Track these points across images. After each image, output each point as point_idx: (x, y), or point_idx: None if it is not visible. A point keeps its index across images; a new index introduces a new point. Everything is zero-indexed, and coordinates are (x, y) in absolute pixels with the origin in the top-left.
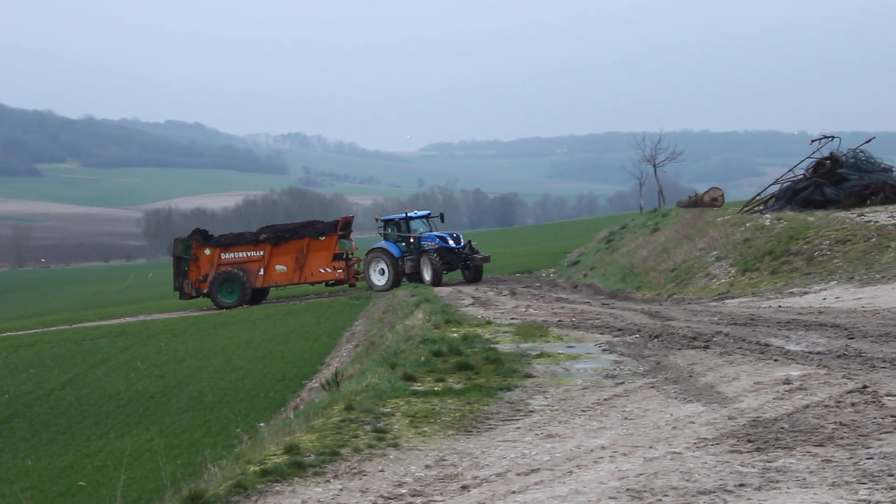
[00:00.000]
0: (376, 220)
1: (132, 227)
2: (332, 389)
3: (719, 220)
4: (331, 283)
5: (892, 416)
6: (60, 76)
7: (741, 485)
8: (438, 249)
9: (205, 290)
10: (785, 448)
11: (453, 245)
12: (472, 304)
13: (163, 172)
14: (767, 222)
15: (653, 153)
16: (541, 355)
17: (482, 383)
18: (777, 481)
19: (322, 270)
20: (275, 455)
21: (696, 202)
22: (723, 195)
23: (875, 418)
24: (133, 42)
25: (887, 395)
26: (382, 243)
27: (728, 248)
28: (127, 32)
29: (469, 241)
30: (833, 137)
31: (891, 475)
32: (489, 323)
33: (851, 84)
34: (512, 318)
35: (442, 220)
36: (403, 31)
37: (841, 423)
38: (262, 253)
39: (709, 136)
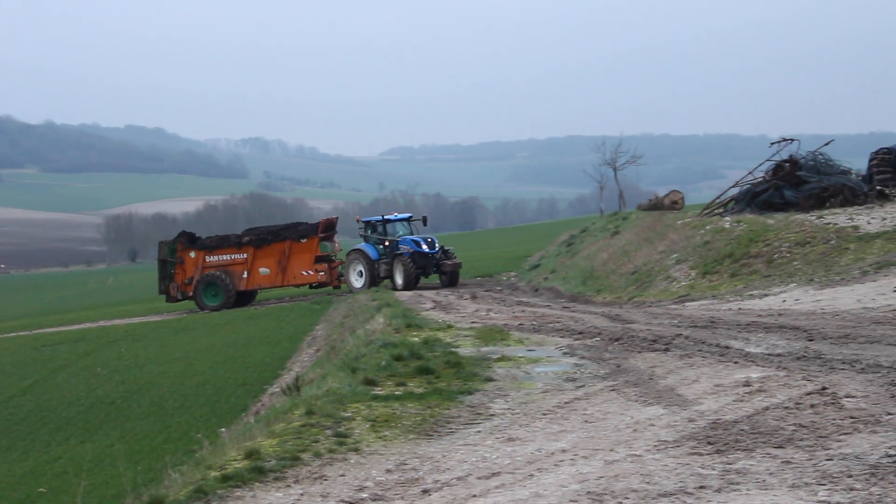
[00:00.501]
0: (358, 220)
1: (92, 232)
2: (292, 394)
3: (679, 223)
4: (315, 285)
5: (851, 418)
6: (19, 81)
7: (701, 487)
8: (412, 254)
9: (190, 293)
10: (745, 450)
11: (427, 250)
12: (433, 308)
13: (123, 177)
14: (727, 225)
15: (613, 156)
16: (501, 359)
17: (443, 387)
18: (737, 483)
19: (304, 273)
20: (235, 460)
21: (656, 205)
22: (683, 198)
23: (834, 420)
24: (92, 47)
25: (846, 397)
26: (361, 245)
27: (688, 250)
28: (86, 37)
29: (442, 246)
30: (792, 140)
31: (850, 476)
32: (450, 327)
33: (811, 86)
34: (473, 322)
35: (424, 224)
36: (363, 34)
37: (800, 425)
38: (245, 255)
39: (669, 140)
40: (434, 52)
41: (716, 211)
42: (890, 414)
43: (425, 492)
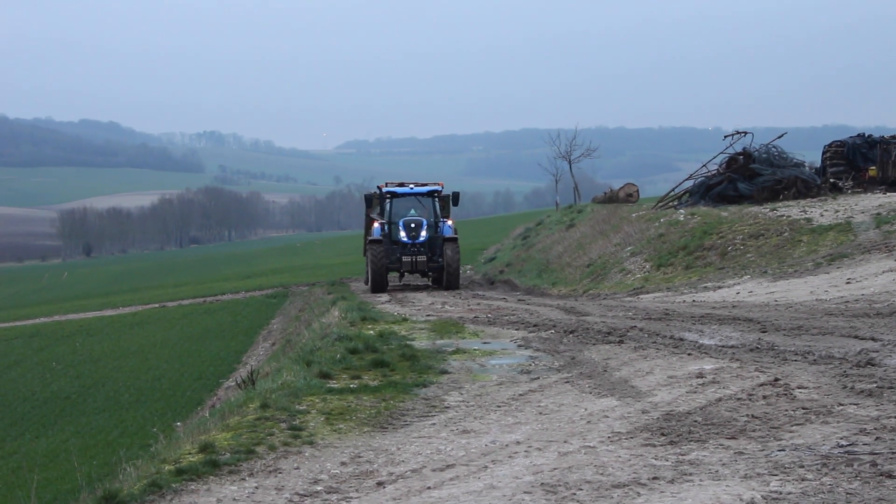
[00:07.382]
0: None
1: (47, 227)
2: (247, 388)
3: (634, 215)
4: None
5: (803, 409)
6: None
7: (654, 478)
8: (380, 242)
9: None
10: (698, 441)
11: (405, 238)
12: (389, 302)
13: (77, 172)
14: (681, 217)
15: (568, 149)
16: (456, 351)
17: (398, 380)
18: (690, 474)
19: None
20: (190, 454)
21: (611, 198)
22: (638, 191)
23: (786, 410)
24: (46, 41)
25: (798, 388)
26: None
27: (643, 243)
28: (38, 32)
29: (430, 239)
30: (746, 133)
31: (801, 466)
32: (405, 320)
33: (765, 80)
34: (428, 315)
35: (455, 203)
36: (317, 29)
37: (753, 416)
38: None
39: (624, 133)
40: (389, 45)
41: (670, 203)
42: (841, 405)
43: (380, 484)
